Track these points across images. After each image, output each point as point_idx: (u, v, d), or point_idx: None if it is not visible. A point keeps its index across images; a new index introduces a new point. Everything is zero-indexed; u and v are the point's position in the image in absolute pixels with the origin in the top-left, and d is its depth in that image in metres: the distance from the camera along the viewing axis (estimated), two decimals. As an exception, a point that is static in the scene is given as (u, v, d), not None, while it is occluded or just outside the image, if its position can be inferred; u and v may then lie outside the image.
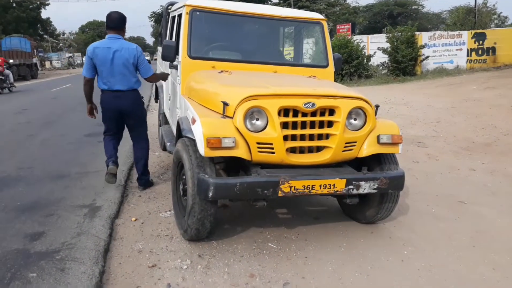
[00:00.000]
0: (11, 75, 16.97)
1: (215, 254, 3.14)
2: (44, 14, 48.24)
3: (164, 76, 4.65)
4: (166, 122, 5.67)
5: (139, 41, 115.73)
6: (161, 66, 6.32)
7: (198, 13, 4.02)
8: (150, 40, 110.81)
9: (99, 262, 2.89)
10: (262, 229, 3.58)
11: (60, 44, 64.30)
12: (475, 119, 8.43)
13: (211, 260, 3.04)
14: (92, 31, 74.61)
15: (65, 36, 69.76)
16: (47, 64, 46.37)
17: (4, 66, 17.11)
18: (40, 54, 40.04)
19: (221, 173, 3.36)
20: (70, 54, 58.33)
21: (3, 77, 16.01)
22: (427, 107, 10.26)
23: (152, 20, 54.60)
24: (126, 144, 6.56)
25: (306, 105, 2.96)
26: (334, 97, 3.08)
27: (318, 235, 3.50)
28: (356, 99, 3.14)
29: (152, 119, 9.37)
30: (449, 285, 2.76)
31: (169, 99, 5.12)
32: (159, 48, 7.23)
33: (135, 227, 3.59)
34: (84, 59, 4.67)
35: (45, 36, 52.35)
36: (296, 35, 4.67)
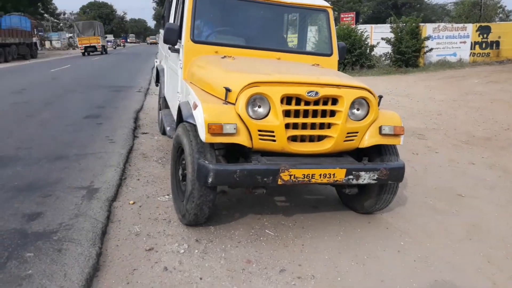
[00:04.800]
0: None
1: (212, 239, 3.15)
2: (45, -8, 47.58)
3: None
4: (166, 106, 5.64)
5: (140, 23, 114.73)
6: (163, 49, 6.26)
7: (202, -4, 3.96)
8: (151, 23, 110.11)
9: (96, 244, 2.89)
10: (260, 216, 3.59)
11: (61, 24, 63.79)
12: (476, 113, 8.41)
13: (208, 245, 3.05)
14: (93, 12, 73.91)
15: (66, 16, 69.18)
16: (47, 44, 46.03)
17: None
18: (40, 33, 39.63)
19: (220, 159, 3.34)
20: (70, 35, 57.92)
21: None
22: (428, 99, 10.22)
23: (154, 2, 54.13)
24: (124, 127, 6.58)
25: (309, 94, 2.93)
26: (338, 86, 3.05)
27: (316, 223, 3.50)
28: (360, 89, 3.12)
29: (151, 102, 9.36)
30: (444, 276, 2.78)
31: (170, 83, 5.08)
32: (161, 31, 7.16)
33: (133, 210, 3.59)
34: None
35: (45, 15, 51.85)
36: (301, 22, 4.61)
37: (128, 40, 75.64)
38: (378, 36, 18.07)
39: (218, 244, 3.07)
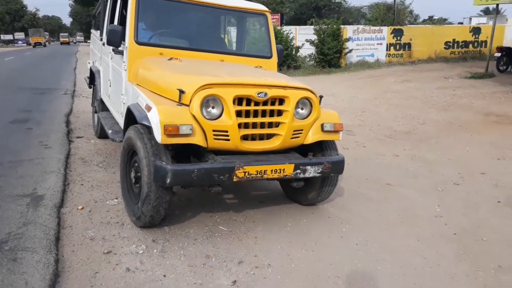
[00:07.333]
0: None
1: (168, 238, 3.22)
2: None
3: None
4: (103, 108, 5.52)
5: (54, 20, 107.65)
6: (97, 50, 6.10)
7: (145, -2, 3.98)
8: (67, 20, 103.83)
9: (53, 251, 2.84)
10: (212, 213, 3.72)
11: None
12: (395, 109, 9.20)
13: (165, 244, 3.12)
14: (1, 7, 67.92)
15: (-32, 11, 62.94)
16: None
17: None
18: None
19: (172, 160, 3.42)
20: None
21: None
22: (352, 97, 10.95)
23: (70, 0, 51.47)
24: (56, 131, 6.32)
25: (259, 95, 3.12)
26: (284, 87, 3.28)
27: (265, 217, 3.72)
28: (304, 90, 3.38)
29: (81, 105, 9.00)
30: (383, 256, 3.12)
31: (109, 85, 4.99)
32: (93, 31, 6.95)
33: (83, 215, 3.54)
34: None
35: None
36: (241, 25, 4.80)
37: (43, 38, 70.51)
38: (303, 38, 18.85)
39: (175, 243, 3.15)
